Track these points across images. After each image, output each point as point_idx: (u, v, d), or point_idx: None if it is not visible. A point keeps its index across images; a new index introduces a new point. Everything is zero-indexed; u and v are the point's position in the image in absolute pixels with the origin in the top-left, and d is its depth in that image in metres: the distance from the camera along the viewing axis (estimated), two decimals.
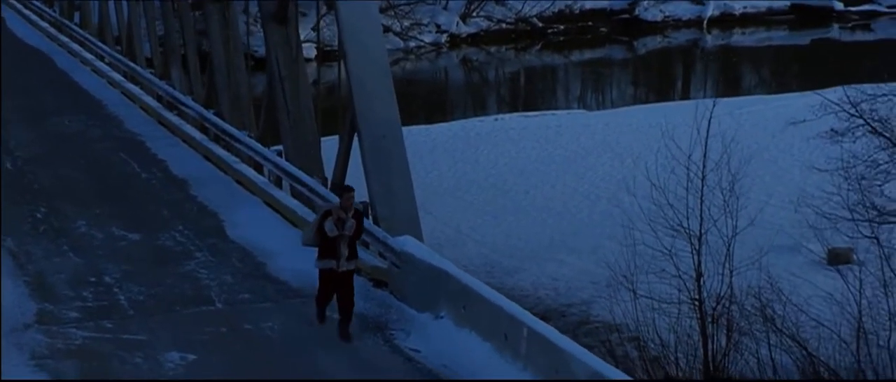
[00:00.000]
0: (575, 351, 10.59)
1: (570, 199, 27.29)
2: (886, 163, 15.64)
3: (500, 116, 38.40)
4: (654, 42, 52.30)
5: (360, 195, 14.97)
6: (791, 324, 16.02)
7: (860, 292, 16.06)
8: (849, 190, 15.94)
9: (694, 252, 16.75)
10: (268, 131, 18.27)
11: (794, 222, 18.47)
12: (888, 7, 53.05)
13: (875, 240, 15.96)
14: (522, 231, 25.05)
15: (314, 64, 35.54)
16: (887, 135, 15.69)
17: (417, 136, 32.68)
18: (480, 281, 12.45)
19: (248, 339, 12.23)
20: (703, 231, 16.68)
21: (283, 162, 16.60)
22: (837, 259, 20.08)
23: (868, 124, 15.96)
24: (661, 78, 47.51)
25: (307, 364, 11.61)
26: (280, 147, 17.45)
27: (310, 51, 40.27)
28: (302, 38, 21.08)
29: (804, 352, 15.82)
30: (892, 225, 16.01)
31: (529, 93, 45.61)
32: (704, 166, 16.69)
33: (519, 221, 25.78)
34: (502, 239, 24.58)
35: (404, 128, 28.64)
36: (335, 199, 14.99)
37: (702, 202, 16.65)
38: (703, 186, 16.61)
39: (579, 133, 34.13)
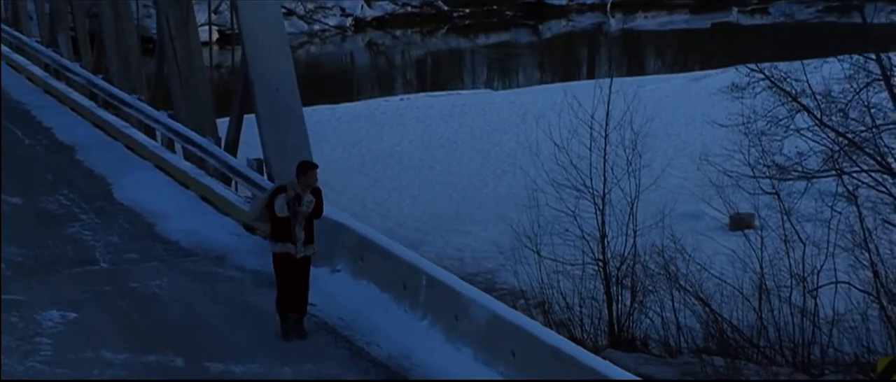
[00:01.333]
0: (474, 296, 10.28)
1: (476, 174, 27.07)
2: (786, 117, 15.68)
3: (405, 96, 38.06)
4: (558, 25, 52.48)
5: (255, 151, 14.47)
6: (694, 283, 15.95)
7: (762, 249, 16.07)
8: (750, 146, 15.93)
9: (598, 212, 16.59)
10: (159, 95, 17.55)
11: (697, 180, 18.48)
12: None
13: (776, 196, 15.98)
14: (427, 205, 24.71)
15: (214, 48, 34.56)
16: (787, 88, 15.72)
17: (321, 115, 32.17)
18: (378, 232, 12.03)
19: (134, 297, 11.62)
20: (606, 191, 16.53)
21: (173, 123, 15.92)
22: (739, 223, 20.16)
23: (768, 78, 15.98)
24: (567, 60, 47.66)
25: (195, 320, 11.07)
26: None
27: (208, 35, 39.44)
28: (201, 22, 20.40)
29: (707, 310, 15.75)
30: (792, 181, 16.05)
31: (435, 75, 45.33)
32: (607, 125, 16.53)
33: (424, 196, 25.43)
34: (407, 213, 24.19)
35: (308, 108, 27.94)
36: (229, 159, 14.46)
37: (605, 161, 16.49)
38: (606, 144, 16.45)
39: (485, 111, 33.98)
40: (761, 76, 15.83)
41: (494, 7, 52.70)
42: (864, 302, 15.45)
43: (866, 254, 15.75)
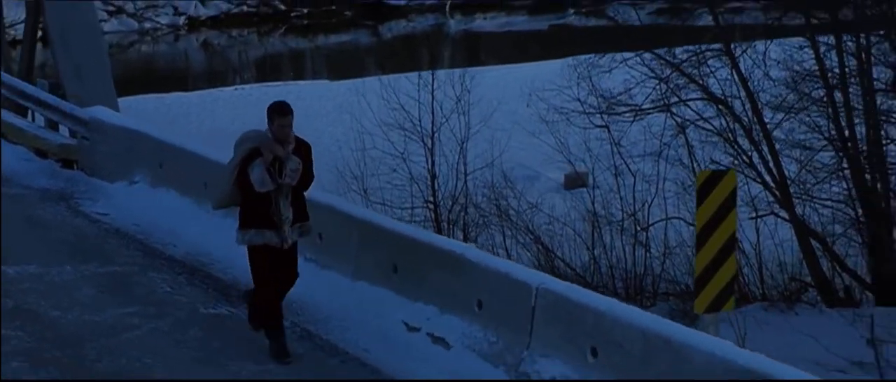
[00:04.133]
0: None
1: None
2: (613, 49, 15.42)
3: (240, 87, 36.97)
4: (399, 26, 52.13)
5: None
6: (526, 220, 15.50)
7: (593, 185, 15.79)
8: (579, 79, 15.62)
9: (427, 152, 15.99)
10: None
11: (527, 117, 18.16)
12: None
13: (606, 129, 15.71)
14: None
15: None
16: (613, 16, 15.49)
17: (149, 103, 30.81)
18: (180, 136, 11.08)
19: None
20: (435, 129, 15.96)
21: None
22: (574, 183, 19.98)
23: (596, 11, 15.69)
24: (406, 56, 47.32)
25: None
26: None
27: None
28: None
29: (539, 246, 15.30)
30: (621, 116, 15.80)
31: (273, 70, 44.31)
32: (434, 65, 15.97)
33: None
34: None
35: (135, 98, 26.08)
36: (18, 83, 13.20)
37: (433, 98, 15.94)
38: (433, 81, 15.89)
39: (321, 97, 33.32)
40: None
41: (333, 7, 52.01)
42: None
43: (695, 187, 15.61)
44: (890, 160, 14.89)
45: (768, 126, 14.72)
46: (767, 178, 15.31)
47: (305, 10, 50.77)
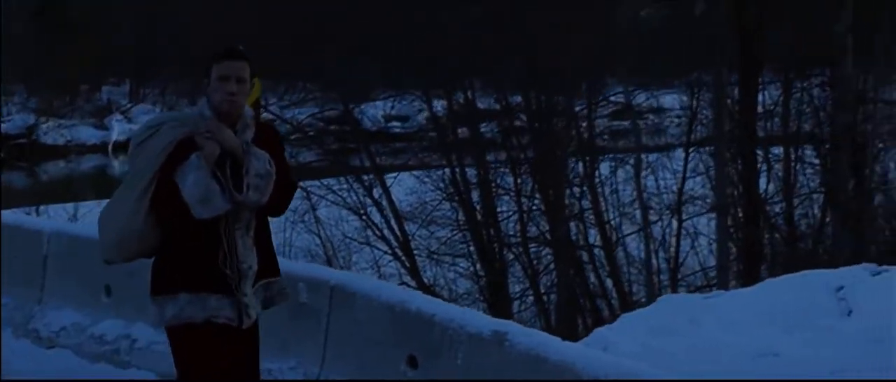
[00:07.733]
0: None
1: None
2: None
3: None
4: (57, 168, 49.55)
5: None
6: None
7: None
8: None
9: None
10: None
11: None
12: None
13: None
14: None
15: None
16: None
17: None
18: None
19: None
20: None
21: None
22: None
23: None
24: (68, 197, 44.92)
25: None
26: None
27: None
28: None
29: None
30: None
31: None
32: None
33: None
34: None
35: None
36: None
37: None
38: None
39: None
40: None
41: None
42: None
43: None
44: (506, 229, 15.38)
45: (387, 179, 14.83)
46: (395, 245, 15.37)
47: None
